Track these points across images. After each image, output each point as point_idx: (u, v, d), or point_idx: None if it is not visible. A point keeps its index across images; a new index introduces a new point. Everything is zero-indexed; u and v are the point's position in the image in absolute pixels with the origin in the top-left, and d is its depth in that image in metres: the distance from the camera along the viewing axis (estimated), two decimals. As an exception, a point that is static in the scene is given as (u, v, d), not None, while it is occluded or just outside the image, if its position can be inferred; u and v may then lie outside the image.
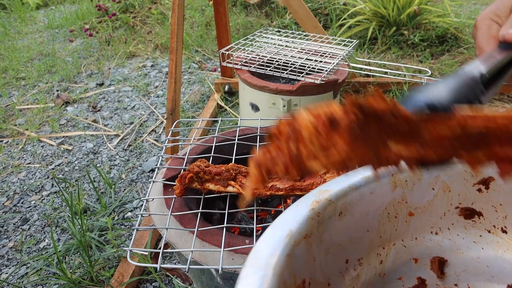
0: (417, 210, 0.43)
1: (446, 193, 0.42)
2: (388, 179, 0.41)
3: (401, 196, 0.42)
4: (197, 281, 0.73)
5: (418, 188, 0.42)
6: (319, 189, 0.38)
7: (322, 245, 0.36)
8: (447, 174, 0.42)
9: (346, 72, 1.29)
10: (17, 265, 1.05)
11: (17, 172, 1.43)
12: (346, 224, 0.39)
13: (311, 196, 0.38)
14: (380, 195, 0.40)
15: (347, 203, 0.38)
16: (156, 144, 1.54)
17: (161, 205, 0.67)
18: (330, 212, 0.37)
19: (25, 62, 2.37)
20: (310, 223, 0.35)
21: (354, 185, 0.39)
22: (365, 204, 0.40)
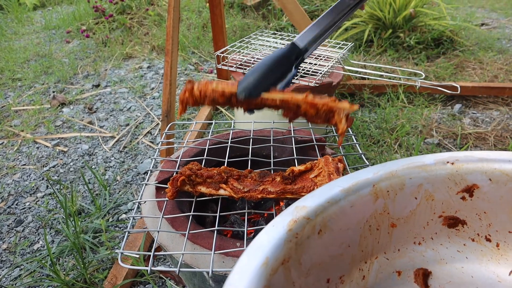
0: (399, 220, 0.42)
1: (429, 202, 0.41)
2: (369, 190, 0.39)
3: (383, 207, 0.40)
4: (189, 284, 0.73)
5: (400, 198, 0.40)
6: (295, 206, 0.36)
7: (301, 268, 0.34)
8: (430, 182, 0.41)
9: (340, 75, 1.29)
10: (10, 267, 1.05)
11: (12, 174, 1.42)
12: (326, 242, 0.37)
13: (288, 214, 0.35)
14: (361, 207, 0.39)
15: (326, 220, 0.36)
16: (152, 146, 1.54)
17: (153, 207, 0.68)
18: (308, 231, 0.35)
19: (21, 63, 2.37)
20: (287, 247, 0.33)
21: (333, 199, 0.37)
22: (345, 218, 0.38)
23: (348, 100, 1.73)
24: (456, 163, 0.40)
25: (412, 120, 1.57)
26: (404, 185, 0.40)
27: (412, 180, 0.40)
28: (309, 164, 0.63)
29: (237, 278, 0.30)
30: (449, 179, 0.40)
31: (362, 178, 0.39)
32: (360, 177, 0.39)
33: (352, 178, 0.39)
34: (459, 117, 1.62)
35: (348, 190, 0.38)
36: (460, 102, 1.72)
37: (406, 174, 0.40)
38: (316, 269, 0.36)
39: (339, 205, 0.37)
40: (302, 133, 0.82)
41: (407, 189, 0.40)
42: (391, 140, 1.44)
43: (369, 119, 1.60)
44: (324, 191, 0.38)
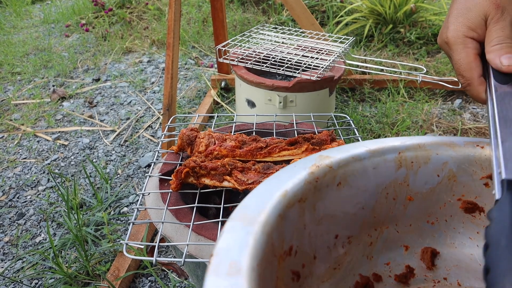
0: (417, 195, 0.40)
1: (450, 182, 0.40)
2: (394, 157, 0.38)
3: (404, 178, 0.39)
4: (192, 275, 0.74)
5: (423, 172, 0.39)
6: (319, 154, 0.35)
7: (314, 214, 0.34)
8: (456, 162, 0.39)
9: (342, 69, 1.29)
10: (13, 260, 1.05)
11: (13, 167, 1.42)
12: (343, 196, 0.36)
13: (311, 159, 0.35)
14: (382, 172, 0.38)
15: (347, 174, 0.36)
16: (152, 140, 1.54)
17: (157, 199, 0.68)
18: (329, 179, 0.35)
19: (20, 57, 2.36)
20: (307, 187, 0.33)
21: (357, 156, 0.37)
22: (366, 178, 0.37)
23: (349, 95, 1.74)
24: (486, 148, 0.39)
25: (412, 115, 1.58)
26: (429, 159, 0.39)
27: (438, 156, 0.39)
28: (312, 156, 0.63)
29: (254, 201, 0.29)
30: (476, 162, 0.39)
31: (389, 144, 0.39)
32: (387, 142, 0.39)
33: (379, 141, 0.39)
34: (459, 112, 1.62)
35: (374, 151, 0.38)
36: (460, 97, 1.72)
37: (433, 148, 0.39)
38: (327, 221, 0.36)
39: (362, 163, 0.37)
40: (304, 126, 0.82)
41: (431, 164, 0.39)
42: (391, 134, 1.44)
43: (369, 113, 1.61)
44: (350, 148, 0.37)
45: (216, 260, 0.24)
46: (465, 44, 0.39)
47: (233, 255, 0.25)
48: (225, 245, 0.25)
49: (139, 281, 0.98)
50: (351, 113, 1.58)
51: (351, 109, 1.62)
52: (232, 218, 0.27)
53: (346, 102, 1.71)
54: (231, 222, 0.27)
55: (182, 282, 0.96)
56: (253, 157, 0.68)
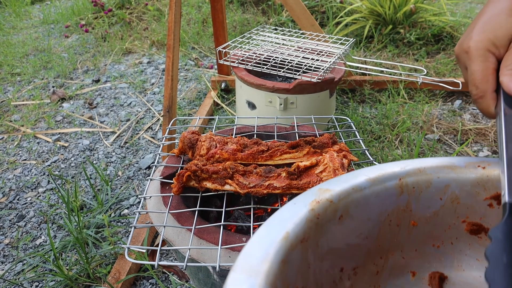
0: (421, 220, 0.40)
1: (454, 205, 0.40)
2: (395, 184, 0.38)
3: (406, 204, 0.39)
4: (194, 278, 0.74)
5: (425, 196, 0.39)
6: (319, 188, 0.35)
7: (318, 251, 0.34)
8: (458, 184, 0.39)
9: (342, 70, 1.29)
10: (13, 262, 1.05)
11: (13, 169, 1.42)
12: (346, 229, 0.36)
13: (311, 194, 0.35)
14: (384, 200, 0.38)
15: (348, 206, 0.36)
16: (153, 141, 1.54)
17: (158, 203, 0.68)
18: (330, 214, 0.34)
19: (20, 57, 2.36)
20: (308, 226, 0.32)
21: (357, 187, 0.36)
22: (368, 208, 0.37)
23: (349, 96, 1.73)
24: (487, 168, 0.39)
25: (413, 116, 1.58)
26: (430, 184, 0.39)
27: (440, 180, 0.39)
28: (314, 160, 0.63)
29: (256, 248, 0.29)
30: (479, 183, 0.39)
31: (389, 170, 0.38)
32: (387, 169, 0.39)
33: (379, 169, 0.38)
34: (460, 113, 1.62)
35: (374, 180, 0.37)
36: (460, 98, 1.72)
37: (434, 172, 0.39)
38: (332, 255, 0.35)
39: (363, 193, 0.36)
40: (305, 129, 0.82)
41: (433, 188, 0.39)
42: (392, 136, 1.44)
43: (370, 115, 1.61)
44: (349, 178, 0.37)
45: None
46: (485, 57, 0.39)
47: None
48: None
49: (140, 283, 0.98)
50: (352, 115, 1.58)
51: (351, 111, 1.62)
52: (235, 269, 0.27)
53: (346, 103, 1.71)
54: (234, 275, 0.27)
55: (183, 285, 0.95)
56: (254, 161, 0.68)
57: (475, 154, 1.38)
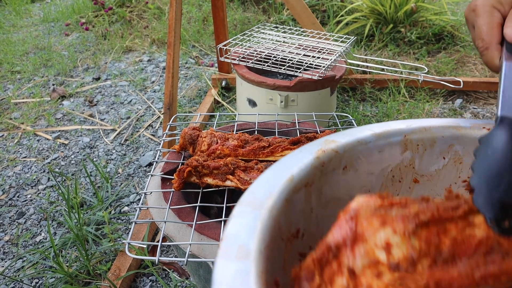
0: (423, 177, 0.41)
1: (456, 164, 0.40)
2: (399, 140, 0.39)
3: (410, 160, 0.39)
4: (194, 275, 0.74)
5: (428, 154, 0.40)
6: (325, 139, 0.36)
7: (321, 197, 0.34)
8: (462, 144, 0.39)
9: (343, 68, 1.29)
10: (13, 259, 1.05)
11: (13, 166, 1.42)
12: (349, 180, 0.37)
13: (316, 144, 0.35)
14: (388, 155, 0.38)
15: (353, 158, 0.36)
16: (153, 139, 1.54)
17: (159, 198, 0.68)
18: (335, 163, 0.35)
19: (20, 55, 2.35)
20: (313, 172, 0.33)
21: (362, 140, 0.37)
22: (372, 162, 0.38)
23: (350, 95, 1.73)
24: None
25: (413, 115, 1.57)
26: (435, 142, 0.39)
27: (444, 139, 0.39)
28: (315, 156, 0.63)
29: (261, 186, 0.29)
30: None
31: (394, 127, 0.39)
32: (392, 125, 0.39)
33: (385, 125, 0.39)
34: (460, 112, 1.62)
35: (379, 135, 0.38)
36: (461, 97, 1.72)
37: (439, 131, 0.39)
38: (334, 204, 0.36)
39: (368, 146, 0.37)
40: (307, 126, 0.82)
41: (437, 147, 0.39)
42: (392, 134, 1.44)
43: (370, 113, 1.61)
44: (355, 132, 0.37)
45: (226, 244, 0.25)
46: (491, 13, 0.42)
47: (242, 239, 0.25)
48: (234, 230, 0.26)
49: (140, 280, 0.98)
50: (352, 113, 1.57)
51: (352, 109, 1.62)
52: (241, 203, 0.28)
53: (347, 102, 1.71)
54: (239, 207, 0.28)
55: (183, 282, 0.95)
56: (255, 157, 0.67)
57: (476, 153, 1.37)
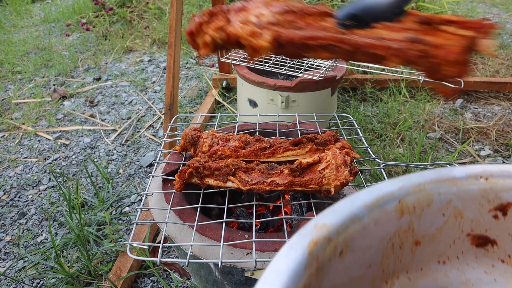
0: (424, 238, 0.39)
1: (457, 219, 0.38)
2: (394, 206, 0.36)
3: (408, 224, 0.37)
4: (195, 275, 0.74)
5: (427, 214, 0.38)
6: (315, 223, 0.33)
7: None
8: (460, 198, 0.38)
9: (344, 68, 1.29)
10: (14, 259, 1.05)
11: (14, 166, 1.42)
12: (347, 263, 0.34)
13: (307, 234, 0.32)
14: (384, 225, 0.36)
15: (348, 239, 0.34)
16: (154, 139, 1.54)
17: (160, 199, 0.68)
18: (329, 253, 0.32)
19: (21, 56, 2.36)
20: (308, 273, 0.30)
21: (355, 216, 0.34)
22: (368, 237, 0.35)
23: (350, 95, 1.73)
24: (490, 179, 0.38)
25: (414, 115, 1.57)
26: (432, 201, 0.37)
27: (441, 196, 0.37)
28: (316, 157, 0.63)
29: None
30: (482, 196, 0.37)
31: (387, 192, 0.36)
32: (384, 190, 0.36)
33: (375, 191, 0.36)
34: (461, 112, 1.62)
35: (372, 205, 0.35)
36: (461, 97, 1.72)
37: (434, 188, 0.37)
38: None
39: (362, 222, 0.34)
40: (307, 126, 0.82)
41: (435, 205, 0.37)
42: (393, 134, 1.44)
43: (371, 113, 1.60)
44: (345, 207, 0.34)
45: None
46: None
47: None
48: None
49: (141, 281, 0.98)
50: (353, 113, 1.57)
51: (352, 109, 1.62)
52: None
53: (348, 102, 1.71)
54: None
55: (184, 282, 0.95)
56: (256, 158, 0.67)
57: (477, 153, 1.37)
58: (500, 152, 1.38)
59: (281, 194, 0.70)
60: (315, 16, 0.45)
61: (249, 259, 0.54)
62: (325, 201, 0.65)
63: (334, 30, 0.43)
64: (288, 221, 0.75)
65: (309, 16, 0.46)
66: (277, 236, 0.61)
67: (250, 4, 0.49)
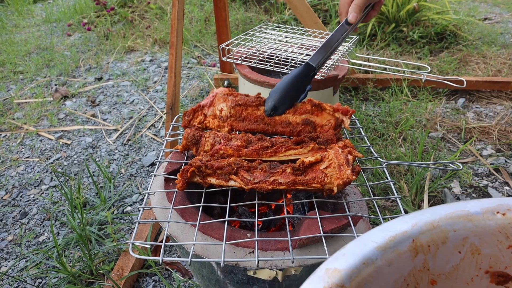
0: (440, 277, 0.37)
1: (474, 256, 0.37)
2: (408, 246, 0.35)
3: (423, 264, 0.36)
4: (197, 275, 0.74)
5: (442, 252, 0.36)
6: (326, 268, 0.31)
7: None
8: (477, 235, 0.36)
9: (345, 68, 1.29)
10: (16, 259, 1.05)
11: (16, 166, 1.42)
12: None
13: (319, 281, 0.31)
14: (398, 266, 0.34)
15: (362, 284, 0.32)
16: (155, 139, 1.54)
17: (162, 198, 0.68)
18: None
19: (22, 56, 2.36)
20: None
21: (368, 259, 0.33)
22: (382, 280, 0.34)
23: (352, 94, 1.73)
24: (507, 214, 0.36)
25: (416, 114, 1.57)
26: (447, 239, 0.36)
27: (456, 233, 0.36)
28: (319, 156, 0.63)
29: None
30: (500, 232, 0.36)
31: (400, 231, 0.35)
32: (397, 229, 0.35)
33: (387, 231, 0.35)
34: (463, 111, 1.62)
35: (385, 247, 0.34)
36: (463, 97, 1.72)
37: (449, 225, 0.36)
38: None
39: (375, 265, 0.33)
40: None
41: (450, 243, 0.36)
42: (395, 134, 1.44)
43: (373, 113, 1.60)
44: (358, 249, 0.33)
45: None
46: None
47: None
48: None
49: (143, 280, 0.98)
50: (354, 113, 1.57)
51: (354, 108, 1.62)
52: None
53: (349, 101, 1.71)
54: None
55: (186, 282, 0.95)
56: (259, 156, 0.67)
57: (479, 152, 1.37)
58: (502, 152, 1.37)
59: (283, 193, 0.70)
60: (253, 107, 0.72)
61: (251, 258, 0.54)
62: (328, 200, 0.65)
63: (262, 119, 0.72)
64: (290, 220, 0.75)
65: (250, 107, 0.72)
66: (279, 235, 0.61)
67: (215, 99, 0.74)
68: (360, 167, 0.61)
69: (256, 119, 0.73)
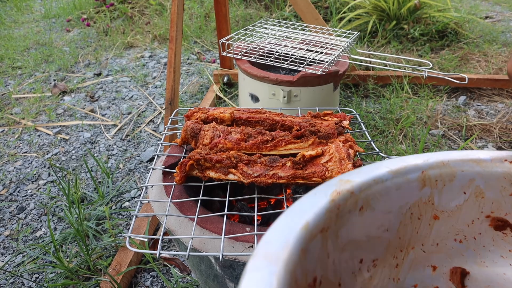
0: (443, 213, 0.39)
1: (478, 199, 0.38)
2: (417, 176, 0.37)
3: (429, 197, 0.38)
4: (196, 270, 0.73)
5: (448, 189, 0.38)
6: (339, 179, 0.35)
7: (338, 241, 0.33)
8: (483, 178, 0.38)
9: (346, 63, 1.28)
10: (13, 254, 1.04)
11: (13, 161, 1.41)
12: (366, 221, 0.35)
13: (331, 185, 0.34)
14: (406, 192, 0.37)
15: (369, 197, 0.35)
16: (154, 135, 1.53)
17: (160, 192, 0.67)
18: (350, 205, 0.34)
19: (21, 51, 2.34)
20: (328, 216, 0.32)
21: (379, 178, 0.36)
22: (389, 200, 0.36)
23: (352, 91, 1.72)
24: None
25: (417, 111, 1.56)
26: (454, 177, 0.38)
27: (464, 173, 0.38)
28: (320, 150, 0.62)
29: (276, 236, 0.29)
30: (505, 178, 0.37)
31: (412, 163, 0.37)
32: (409, 161, 0.38)
33: (401, 161, 0.37)
34: (464, 109, 1.61)
35: (396, 172, 0.36)
36: (464, 94, 1.71)
37: (458, 165, 0.38)
38: (351, 246, 0.35)
39: (385, 185, 0.36)
40: (310, 120, 0.81)
41: (457, 182, 0.38)
42: (396, 130, 1.43)
43: (373, 109, 1.59)
44: (371, 169, 0.36)
45: None
46: None
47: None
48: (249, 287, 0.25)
49: (141, 276, 0.97)
50: (355, 109, 1.56)
51: (354, 105, 1.61)
52: (255, 255, 0.27)
53: (350, 98, 1.70)
54: (254, 260, 0.27)
55: (184, 278, 0.94)
56: (258, 150, 0.66)
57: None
58: (503, 150, 1.37)
59: (283, 188, 0.69)
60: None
61: (250, 253, 0.53)
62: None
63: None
64: (290, 215, 0.74)
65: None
66: (279, 230, 0.60)
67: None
68: (361, 162, 0.60)
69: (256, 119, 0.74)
